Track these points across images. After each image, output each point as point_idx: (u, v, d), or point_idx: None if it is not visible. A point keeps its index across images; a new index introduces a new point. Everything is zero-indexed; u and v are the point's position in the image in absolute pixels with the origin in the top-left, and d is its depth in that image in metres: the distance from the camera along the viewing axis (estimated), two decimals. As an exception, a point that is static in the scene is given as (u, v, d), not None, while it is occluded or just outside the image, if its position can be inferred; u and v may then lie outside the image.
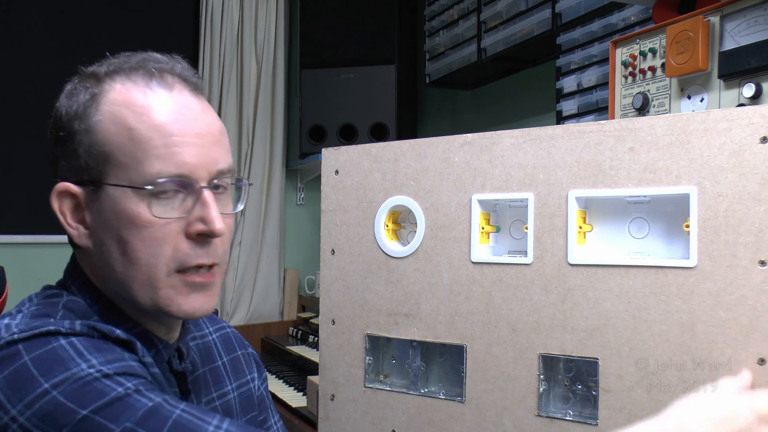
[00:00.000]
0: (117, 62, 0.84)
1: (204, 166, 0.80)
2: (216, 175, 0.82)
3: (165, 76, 0.82)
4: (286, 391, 2.43)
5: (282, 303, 3.50)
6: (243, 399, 1.01)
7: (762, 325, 0.82)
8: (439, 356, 1.11)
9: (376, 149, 1.13)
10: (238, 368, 1.03)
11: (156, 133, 0.78)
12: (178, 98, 0.81)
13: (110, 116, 0.79)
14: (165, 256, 0.79)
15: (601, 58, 1.93)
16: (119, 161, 0.78)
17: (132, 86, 0.81)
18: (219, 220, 0.80)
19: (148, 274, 0.79)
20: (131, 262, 0.79)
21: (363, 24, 3.03)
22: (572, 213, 0.95)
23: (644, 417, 0.89)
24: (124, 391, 0.70)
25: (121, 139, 0.78)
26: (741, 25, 1.30)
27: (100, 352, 0.73)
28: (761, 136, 0.82)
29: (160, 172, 0.78)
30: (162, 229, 0.79)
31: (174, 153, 0.78)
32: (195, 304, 0.82)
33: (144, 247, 0.78)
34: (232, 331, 1.07)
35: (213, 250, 0.82)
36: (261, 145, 3.39)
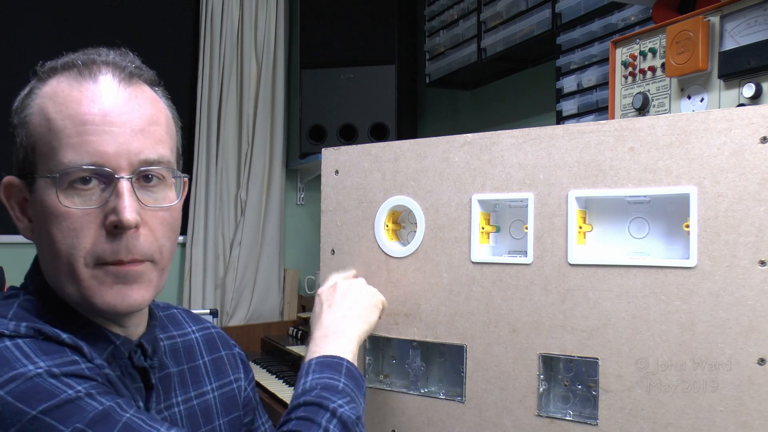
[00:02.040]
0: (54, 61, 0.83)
1: (124, 155, 0.78)
2: (140, 166, 0.79)
3: (92, 66, 0.81)
4: (286, 391, 2.43)
5: (282, 303, 3.50)
6: (225, 399, 1.00)
7: (762, 325, 0.82)
8: (439, 356, 1.11)
9: (376, 149, 1.13)
10: (221, 368, 1.02)
11: (70, 122, 0.77)
12: (103, 88, 0.79)
13: (37, 109, 0.80)
14: (83, 248, 0.77)
15: (601, 58, 1.92)
16: (42, 152, 0.78)
17: (62, 80, 0.80)
18: (130, 210, 0.77)
19: (68, 267, 0.78)
20: (54, 254, 0.78)
21: (363, 24, 3.03)
22: (572, 213, 0.95)
23: (644, 417, 0.89)
24: (75, 394, 0.69)
25: (41, 129, 0.79)
26: (741, 25, 1.30)
27: (47, 355, 0.72)
28: (761, 136, 0.82)
29: (71, 161, 0.76)
30: (79, 221, 0.77)
31: (87, 142, 0.77)
32: (118, 297, 0.79)
33: (63, 239, 0.77)
34: (217, 331, 1.07)
35: (133, 245, 0.78)
36: (261, 145, 3.39)
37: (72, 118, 0.77)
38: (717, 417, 0.84)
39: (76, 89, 0.79)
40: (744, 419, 0.83)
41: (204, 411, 0.96)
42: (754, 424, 0.82)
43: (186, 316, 1.05)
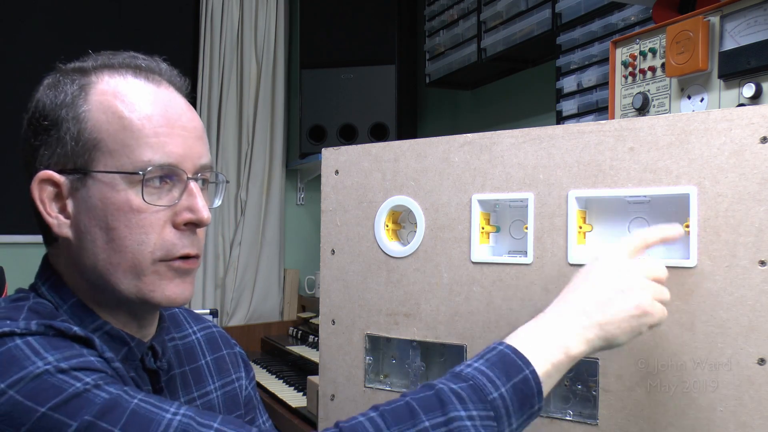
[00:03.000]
0: (102, 59, 0.86)
1: (190, 158, 0.82)
2: (200, 169, 0.84)
3: (152, 73, 0.85)
4: (286, 391, 2.43)
5: (282, 303, 3.50)
6: (227, 398, 1.00)
7: (762, 325, 0.82)
8: (439, 356, 1.11)
9: (376, 149, 1.13)
10: (223, 367, 1.02)
11: (147, 122, 0.80)
12: (165, 93, 0.84)
13: (100, 105, 0.81)
14: (151, 243, 0.80)
15: (601, 58, 1.92)
16: (109, 148, 0.80)
17: (120, 79, 0.83)
18: (206, 210, 0.82)
19: (133, 261, 0.80)
20: (116, 249, 0.80)
21: (363, 24, 3.03)
22: (572, 213, 0.95)
23: (644, 417, 0.89)
24: (83, 387, 0.70)
25: (111, 127, 0.80)
26: (741, 25, 1.30)
27: (56, 349, 0.73)
28: (761, 136, 0.82)
29: (150, 160, 0.79)
30: (150, 217, 0.80)
31: (164, 143, 0.80)
32: (176, 290, 0.83)
33: (131, 234, 0.80)
34: (218, 330, 1.07)
35: (197, 241, 0.84)
36: (261, 145, 3.39)
37: (149, 118, 0.80)
38: (717, 417, 0.84)
39: (145, 91, 0.82)
40: (744, 419, 0.83)
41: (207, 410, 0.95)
42: (754, 424, 0.82)
43: (187, 315, 1.05)
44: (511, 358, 0.76)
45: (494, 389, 0.74)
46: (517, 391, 0.74)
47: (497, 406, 0.73)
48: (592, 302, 0.80)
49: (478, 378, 0.74)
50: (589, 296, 0.80)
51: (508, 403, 0.74)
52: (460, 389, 0.73)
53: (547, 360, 0.77)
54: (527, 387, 0.75)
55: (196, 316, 1.06)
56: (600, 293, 0.80)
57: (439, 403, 0.72)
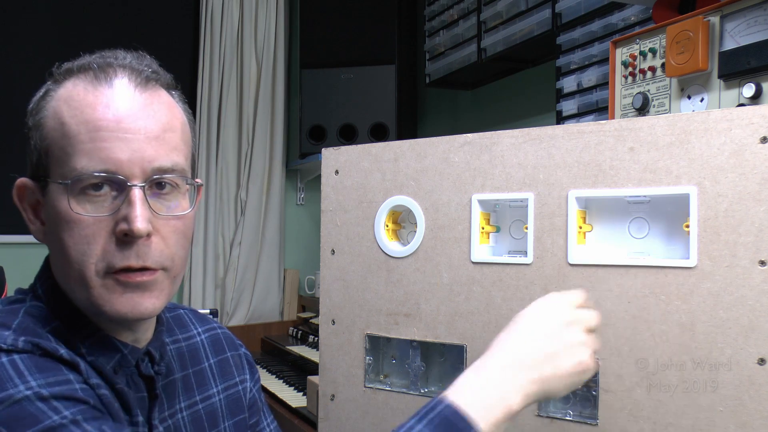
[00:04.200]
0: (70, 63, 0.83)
1: (137, 163, 0.77)
2: (153, 173, 0.78)
3: (108, 70, 0.80)
4: (286, 391, 2.43)
5: (282, 303, 3.50)
6: (230, 401, 0.99)
7: (762, 325, 0.82)
8: (439, 356, 1.11)
9: (376, 149, 1.13)
10: (227, 370, 1.01)
11: (84, 127, 0.76)
12: (118, 93, 0.78)
13: (52, 112, 0.79)
14: (94, 255, 0.77)
15: (601, 58, 1.92)
16: (55, 156, 0.78)
17: (78, 83, 0.80)
18: (141, 220, 0.76)
19: (79, 273, 0.77)
20: (65, 259, 0.78)
21: (363, 24, 3.03)
22: (572, 213, 0.95)
23: (644, 417, 0.89)
24: (60, 420, 0.68)
25: (55, 134, 0.78)
26: (741, 25, 1.30)
27: (41, 372, 0.71)
28: (761, 136, 0.82)
29: (84, 168, 0.76)
30: (91, 228, 0.76)
31: (100, 148, 0.76)
32: (128, 305, 0.78)
33: (74, 244, 0.77)
34: (223, 332, 1.05)
35: (144, 252, 0.78)
36: (261, 145, 3.39)
37: (86, 123, 0.76)
38: (717, 417, 0.84)
39: (91, 93, 0.78)
40: (744, 419, 0.83)
41: (209, 414, 0.95)
42: (754, 424, 0.82)
43: (192, 316, 1.03)
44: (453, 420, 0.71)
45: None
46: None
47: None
48: (535, 356, 0.77)
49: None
50: (534, 349, 0.77)
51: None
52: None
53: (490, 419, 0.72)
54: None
55: (201, 317, 1.04)
56: (544, 347, 0.77)
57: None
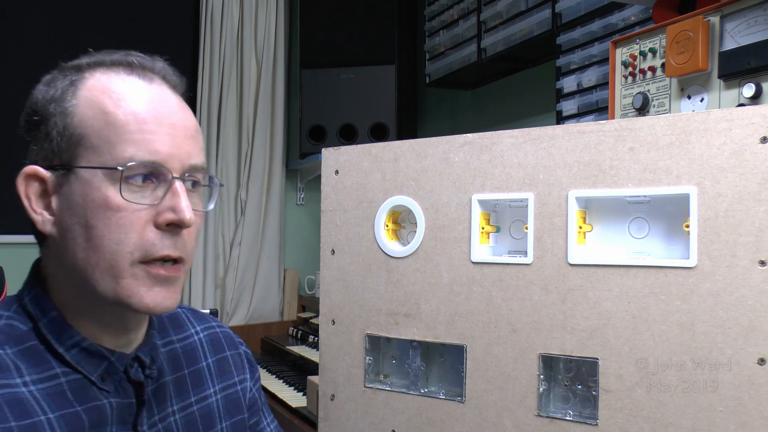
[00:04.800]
0: (99, 56, 0.84)
1: (177, 157, 0.79)
2: (189, 170, 0.81)
3: (145, 70, 0.83)
4: (286, 391, 2.43)
5: (282, 303, 3.50)
6: (228, 401, 0.98)
7: (762, 325, 0.82)
8: (439, 356, 1.11)
9: (376, 149, 1.13)
10: (225, 369, 1.00)
11: (132, 118, 0.78)
12: (157, 90, 0.81)
13: (87, 101, 0.79)
14: (130, 243, 0.77)
15: (601, 58, 1.93)
16: (92, 144, 0.78)
17: (113, 75, 0.81)
18: (189, 210, 0.79)
19: (110, 262, 0.77)
20: (95, 248, 0.77)
21: (363, 24, 3.03)
22: (572, 213, 0.95)
23: (644, 417, 0.89)
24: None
25: (96, 122, 0.78)
26: (741, 25, 1.30)
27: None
28: (761, 136, 0.82)
29: (132, 157, 0.77)
30: (130, 216, 0.77)
31: (148, 140, 0.78)
32: (157, 298, 0.79)
33: (109, 232, 0.76)
34: (222, 330, 1.04)
35: (181, 244, 0.80)
36: (261, 145, 3.39)
37: (134, 114, 0.78)
38: (717, 417, 0.84)
39: (134, 87, 0.80)
40: (744, 419, 0.83)
41: (205, 416, 0.94)
42: (754, 424, 0.82)
43: (191, 315, 1.02)
44: None
45: None
46: None
47: None
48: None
49: None
50: None
51: None
52: None
53: None
54: None
55: (200, 316, 1.03)
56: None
57: None
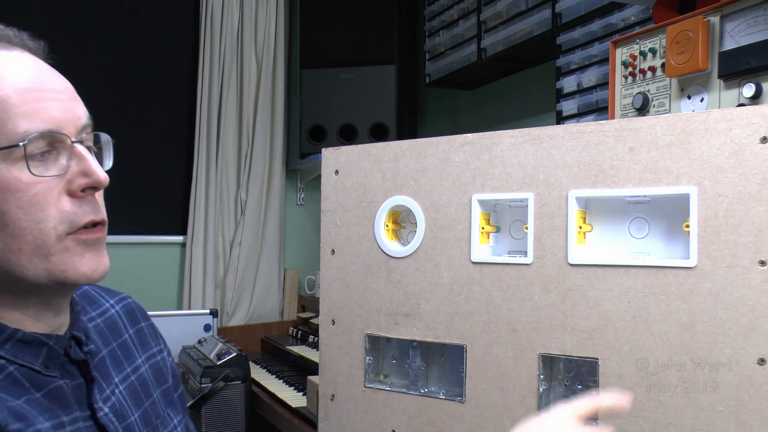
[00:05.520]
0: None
1: (70, 120, 0.76)
2: (82, 130, 0.78)
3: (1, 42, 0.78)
4: (286, 391, 2.43)
5: (282, 303, 3.50)
6: (155, 371, 0.97)
7: (762, 325, 0.82)
8: (439, 356, 1.11)
9: (376, 149, 1.13)
10: (144, 340, 0.98)
11: (13, 91, 0.73)
12: (24, 57, 0.77)
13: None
14: (51, 219, 0.74)
15: (601, 58, 1.92)
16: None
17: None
18: (101, 170, 0.77)
19: (35, 243, 0.74)
20: (13, 234, 0.73)
21: (363, 24, 3.03)
22: (572, 213, 0.95)
23: (644, 417, 0.89)
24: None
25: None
26: (741, 25, 1.30)
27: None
28: (761, 136, 0.82)
29: (27, 131, 0.72)
30: (42, 192, 0.73)
31: (38, 109, 0.74)
32: (92, 264, 0.77)
33: (25, 214, 0.73)
34: (133, 301, 1.02)
35: (98, 206, 0.78)
36: (261, 145, 3.39)
37: (13, 87, 0.73)
38: (717, 417, 0.84)
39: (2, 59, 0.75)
40: (744, 419, 0.83)
41: (142, 384, 0.93)
42: (754, 424, 0.82)
43: (100, 291, 0.99)
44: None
45: None
46: None
47: None
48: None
49: None
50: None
51: None
52: None
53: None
54: None
55: (108, 290, 1.01)
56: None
57: None
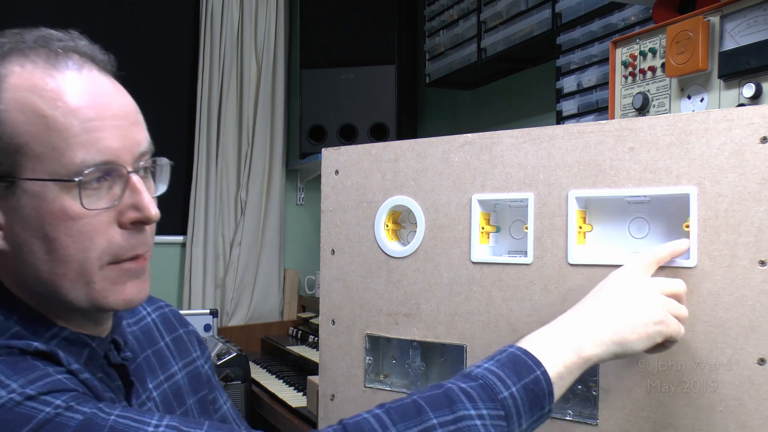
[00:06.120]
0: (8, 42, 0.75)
1: (127, 149, 0.75)
2: (139, 158, 0.77)
3: (70, 55, 0.75)
4: (286, 391, 2.43)
5: (282, 303, 3.50)
6: (191, 378, 0.98)
7: (762, 325, 0.82)
8: (439, 356, 1.11)
9: (376, 149, 1.13)
10: (182, 347, 0.99)
11: (73, 118, 0.72)
12: (89, 78, 0.75)
13: (16, 104, 0.72)
14: (97, 249, 0.74)
15: (601, 58, 1.92)
16: (35, 152, 0.71)
17: (33, 68, 0.73)
18: (153, 205, 0.76)
19: (79, 270, 0.74)
20: (60, 259, 0.73)
21: (363, 24, 3.03)
22: (572, 213, 0.95)
23: (644, 417, 0.89)
24: (53, 411, 0.65)
25: (33, 128, 0.71)
26: (741, 25, 1.30)
27: (20, 374, 0.67)
28: (761, 136, 0.82)
29: (84, 161, 0.72)
30: (92, 221, 0.73)
31: (97, 138, 0.72)
32: (131, 292, 0.78)
33: (73, 242, 0.73)
34: (171, 309, 1.03)
35: (145, 238, 0.78)
36: (261, 145, 3.39)
37: (74, 112, 0.72)
38: (717, 417, 0.84)
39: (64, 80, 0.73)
40: (744, 419, 0.83)
41: (175, 393, 0.93)
42: (754, 424, 0.82)
43: None
44: (522, 359, 0.75)
45: (504, 388, 0.72)
46: (528, 392, 0.73)
47: (508, 406, 0.71)
48: (605, 309, 0.79)
49: (488, 377, 0.73)
50: (603, 305, 0.80)
51: (519, 403, 0.72)
52: (470, 388, 0.72)
53: (558, 361, 0.75)
54: (538, 388, 0.73)
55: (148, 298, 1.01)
56: (615, 303, 0.80)
57: (447, 401, 0.71)
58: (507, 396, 0.72)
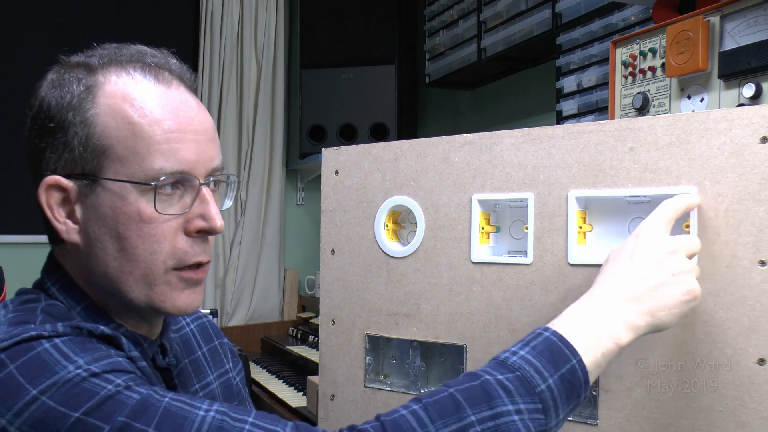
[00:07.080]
0: (108, 54, 0.82)
1: (202, 162, 0.81)
2: (211, 172, 0.83)
3: (162, 71, 0.82)
4: (286, 391, 2.43)
5: (282, 303, 3.50)
6: (224, 388, 1.01)
7: (762, 325, 0.82)
8: (439, 356, 1.11)
9: (376, 149, 1.13)
10: (217, 358, 1.03)
11: (158, 128, 0.78)
12: (176, 94, 0.81)
13: (108, 109, 0.78)
14: (163, 253, 0.79)
15: (601, 58, 1.93)
16: (119, 155, 0.78)
17: (129, 80, 0.80)
18: (219, 217, 0.81)
19: (145, 271, 0.79)
20: (128, 258, 0.79)
21: (363, 24, 3.04)
22: (572, 213, 0.95)
23: (644, 417, 0.89)
24: (114, 389, 0.69)
25: (121, 132, 0.78)
26: (741, 25, 1.30)
27: (86, 352, 0.72)
28: (761, 136, 0.82)
29: (162, 168, 0.78)
30: (162, 226, 0.79)
31: (177, 149, 0.78)
32: (187, 300, 0.83)
33: (143, 243, 0.78)
34: (208, 320, 1.07)
35: (209, 248, 0.83)
36: (261, 145, 3.39)
37: (159, 123, 0.78)
38: (717, 417, 0.84)
39: (155, 93, 0.80)
40: (744, 419, 0.83)
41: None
42: (754, 424, 0.82)
43: None
44: (558, 346, 0.74)
45: (542, 381, 0.72)
46: (565, 382, 0.72)
47: (545, 399, 0.71)
48: (643, 288, 0.78)
49: (525, 368, 0.72)
50: (639, 280, 0.78)
51: (556, 395, 0.72)
52: (507, 381, 0.71)
53: (596, 349, 0.75)
54: (574, 377, 0.73)
55: None
56: (651, 278, 0.78)
57: (485, 396, 0.70)
58: (545, 389, 0.71)
